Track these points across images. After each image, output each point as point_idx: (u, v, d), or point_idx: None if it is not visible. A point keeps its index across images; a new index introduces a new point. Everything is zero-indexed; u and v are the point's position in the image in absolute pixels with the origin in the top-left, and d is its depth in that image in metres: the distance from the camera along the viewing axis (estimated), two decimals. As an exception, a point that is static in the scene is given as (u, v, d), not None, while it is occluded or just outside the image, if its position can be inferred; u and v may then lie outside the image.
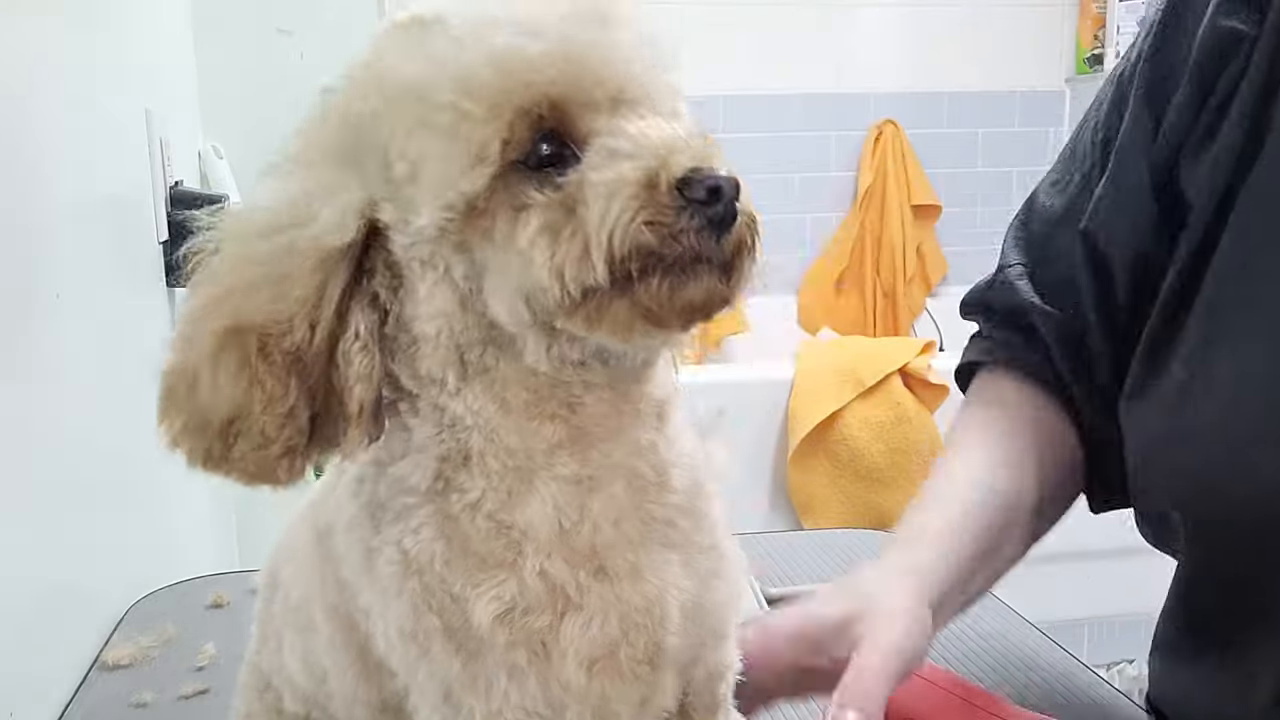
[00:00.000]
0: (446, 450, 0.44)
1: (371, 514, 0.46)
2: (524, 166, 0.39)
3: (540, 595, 0.44)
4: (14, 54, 0.81)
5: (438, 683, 0.45)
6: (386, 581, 0.45)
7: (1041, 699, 0.76)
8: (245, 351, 0.42)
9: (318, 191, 0.43)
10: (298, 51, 1.55)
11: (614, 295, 0.39)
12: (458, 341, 0.42)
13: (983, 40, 2.72)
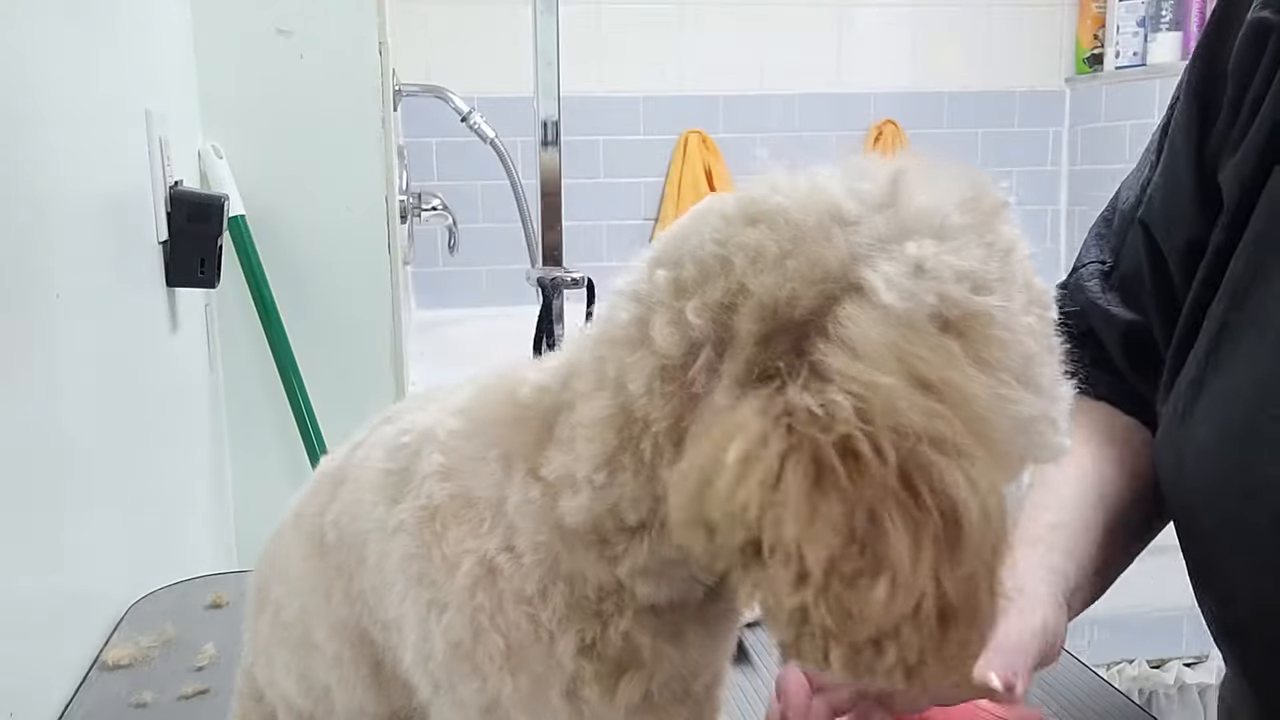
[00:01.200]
0: (615, 505, 0.41)
1: (433, 520, 0.45)
2: None
3: (618, 651, 0.44)
4: (13, 53, 0.81)
5: (483, 699, 0.44)
6: (448, 592, 0.44)
7: (1041, 699, 0.76)
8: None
9: None
10: (298, 52, 1.55)
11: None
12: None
13: (982, 40, 2.72)
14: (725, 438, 0.35)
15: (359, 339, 1.64)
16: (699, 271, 0.38)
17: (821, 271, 0.35)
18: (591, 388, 0.40)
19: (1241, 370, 0.57)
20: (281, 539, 0.57)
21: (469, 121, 1.98)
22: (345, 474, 0.52)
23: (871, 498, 0.33)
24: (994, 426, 0.34)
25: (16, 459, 0.75)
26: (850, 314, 0.34)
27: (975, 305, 0.35)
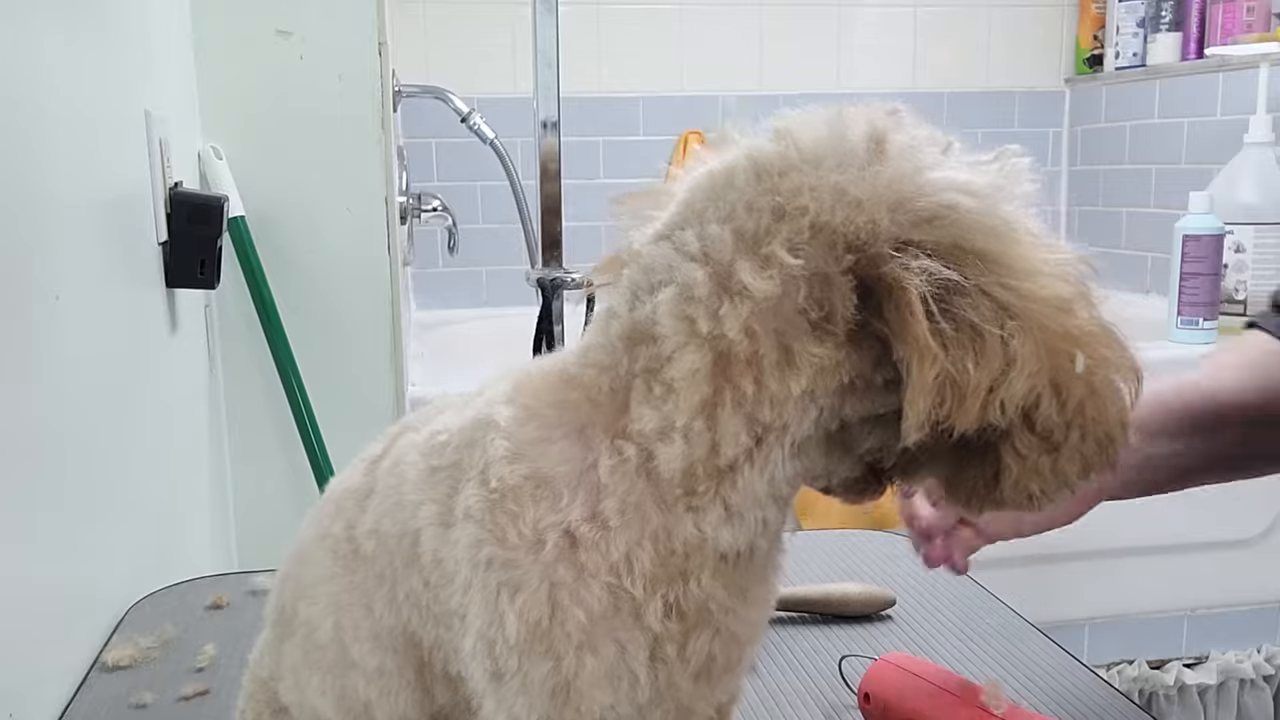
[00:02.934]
0: (714, 446, 0.44)
1: (505, 500, 0.46)
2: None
3: (693, 607, 0.46)
4: (12, 55, 0.81)
5: (555, 679, 0.45)
6: (524, 570, 0.45)
7: (1042, 699, 0.76)
8: None
9: None
10: (297, 53, 1.55)
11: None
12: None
13: (982, 40, 2.72)
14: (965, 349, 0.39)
15: (359, 340, 1.64)
16: (760, 221, 0.42)
17: (894, 195, 0.41)
18: (678, 346, 0.43)
19: None
20: (304, 561, 0.57)
21: (469, 122, 1.98)
22: (371, 488, 0.53)
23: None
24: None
25: (16, 460, 0.75)
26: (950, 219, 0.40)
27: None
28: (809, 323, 0.41)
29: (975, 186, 0.41)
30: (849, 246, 0.41)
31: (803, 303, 0.41)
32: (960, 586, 0.96)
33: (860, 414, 0.44)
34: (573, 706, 0.45)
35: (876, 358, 0.42)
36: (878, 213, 0.41)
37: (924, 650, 0.84)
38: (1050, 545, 0.74)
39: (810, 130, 0.43)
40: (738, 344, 0.42)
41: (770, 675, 0.80)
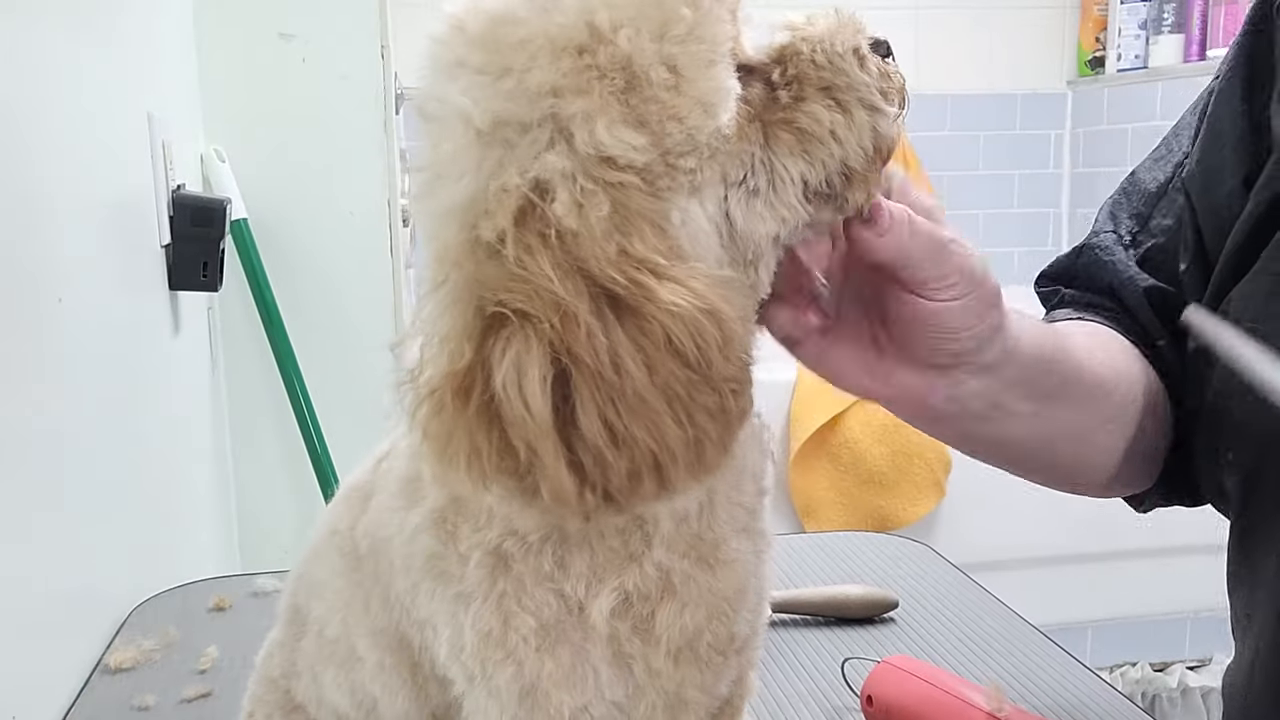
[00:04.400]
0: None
1: (444, 519, 0.46)
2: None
3: (654, 584, 0.45)
4: (15, 58, 0.81)
5: (519, 684, 0.45)
6: (470, 585, 0.45)
7: (1044, 702, 0.76)
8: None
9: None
10: (299, 56, 1.55)
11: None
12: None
13: (984, 43, 2.72)
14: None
15: (361, 342, 1.64)
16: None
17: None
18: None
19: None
20: (316, 559, 0.58)
21: (471, 125, 1.98)
22: (374, 486, 0.54)
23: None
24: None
25: (19, 461, 0.76)
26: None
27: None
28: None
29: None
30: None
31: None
32: (963, 589, 0.96)
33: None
34: (542, 709, 0.45)
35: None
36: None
37: (926, 653, 0.83)
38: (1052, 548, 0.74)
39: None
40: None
41: (773, 678, 0.80)
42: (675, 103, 0.39)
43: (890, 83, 0.45)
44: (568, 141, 0.38)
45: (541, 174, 0.38)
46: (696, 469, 0.39)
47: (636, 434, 0.37)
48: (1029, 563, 2.04)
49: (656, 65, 0.38)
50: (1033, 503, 0.76)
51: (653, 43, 0.38)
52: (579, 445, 0.37)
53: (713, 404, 0.38)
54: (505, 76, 0.38)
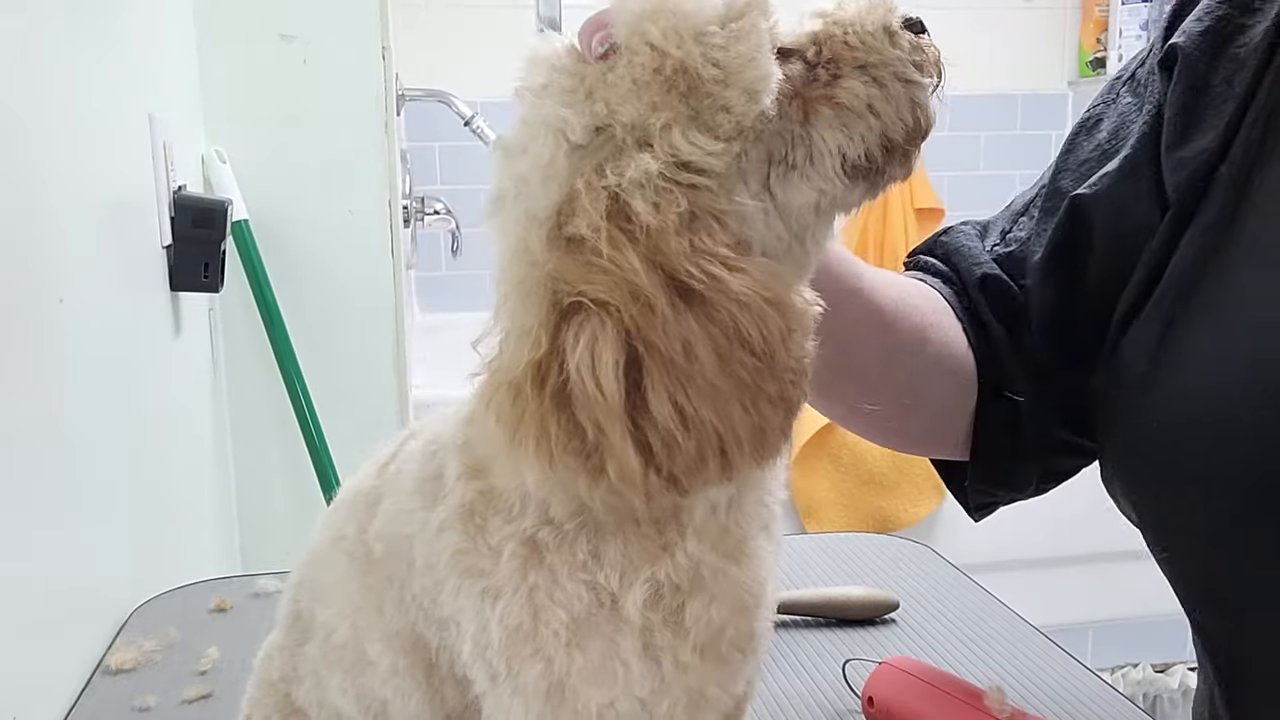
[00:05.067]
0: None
1: (472, 514, 0.46)
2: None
3: (685, 575, 0.46)
4: (16, 59, 0.81)
5: (547, 680, 0.45)
6: (501, 578, 0.45)
7: (1045, 703, 0.76)
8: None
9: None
10: (300, 57, 1.55)
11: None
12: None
13: (985, 43, 2.72)
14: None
15: (362, 343, 1.64)
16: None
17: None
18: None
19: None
20: (319, 563, 0.58)
21: (472, 125, 1.98)
22: (381, 491, 0.54)
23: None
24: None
25: (20, 463, 0.76)
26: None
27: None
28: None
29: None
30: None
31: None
32: (964, 590, 0.96)
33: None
34: (569, 707, 0.45)
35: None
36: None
37: (927, 654, 0.83)
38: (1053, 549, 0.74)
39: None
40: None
41: (773, 679, 0.80)
42: (724, 95, 0.41)
43: (924, 55, 0.47)
44: (649, 149, 0.41)
45: (627, 178, 0.41)
46: (760, 454, 0.41)
47: (705, 417, 0.39)
48: (1030, 564, 2.04)
49: (706, 65, 0.41)
50: (1033, 504, 0.76)
51: (696, 45, 0.41)
52: (648, 427, 0.39)
53: (775, 392, 0.40)
54: (592, 97, 0.42)
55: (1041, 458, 0.71)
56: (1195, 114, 0.62)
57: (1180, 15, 0.66)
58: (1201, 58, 0.62)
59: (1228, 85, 0.61)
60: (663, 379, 0.39)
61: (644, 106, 0.41)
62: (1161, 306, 0.61)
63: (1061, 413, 0.69)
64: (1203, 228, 0.60)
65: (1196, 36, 0.63)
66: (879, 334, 0.65)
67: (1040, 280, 0.68)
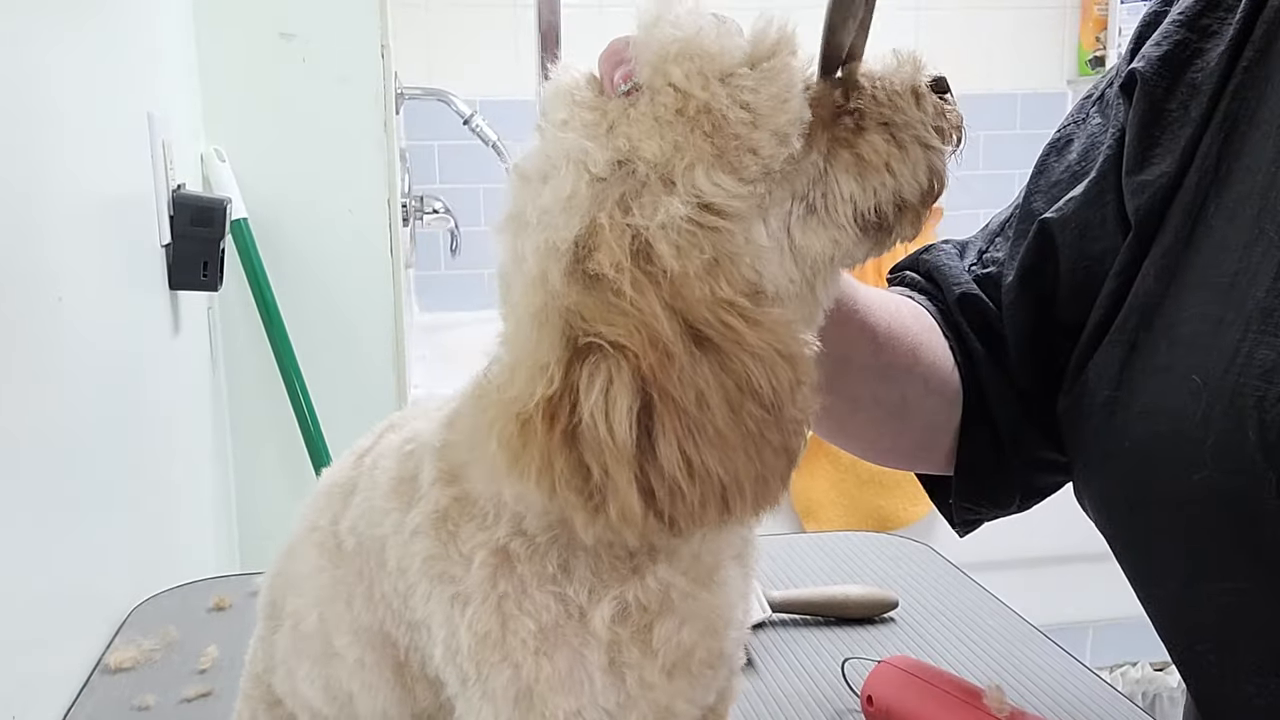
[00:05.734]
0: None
1: (445, 520, 0.47)
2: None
3: (654, 598, 0.46)
4: (15, 57, 0.81)
5: (515, 687, 0.45)
6: (470, 586, 0.45)
7: (1044, 702, 0.76)
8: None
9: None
10: (300, 55, 1.55)
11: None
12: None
13: (984, 42, 2.72)
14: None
15: (361, 342, 1.64)
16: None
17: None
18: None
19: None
20: (294, 554, 0.58)
21: (471, 124, 1.98)
22: (356, 483, 0.54)
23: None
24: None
25: (19, 461, 0.76)
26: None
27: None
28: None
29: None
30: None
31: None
32: (963, 589, 0.96)
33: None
34: (536, 712, 0.45)
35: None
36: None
37: (926, 653, 0.84)
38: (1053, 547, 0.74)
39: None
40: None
41: (772, 677, 0.80)
42: (752, 137, 0.42)
43: (946, 120, 0.47)
44: (671, 188, 0.41)
45: (655, 222, 0.41)
46: (760, 502, 0.41)
47: (711, 467, 0.39)
48: (1029, 562, 2.04)
49: (733, 107, 0.41)
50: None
51: (722, 86, 0.41)
52: (653, 473, 0.39)
53: (779, 442, 0.41)
54: (614, 132, 0.42)
55: (1024, 475, 0.72)
56: (1153, 139, 0.63)
57: (1143, 39, 0.66)
58: (1160, 83, 0.62)
59: (1184, 110, 0.62)
60: (674, 427, 0.39)
61: (667, 144, 0.41)
62: (1124, 331, 0.62)
63: (1042, 431, 0.69)
64: (1162, 251, 0.61)
65: (1155, 61, 0.63)
66: (872, 354, 0.65)
67: (1013, 302, 0.69)
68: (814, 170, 0.44)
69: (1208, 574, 0.57)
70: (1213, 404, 0.55)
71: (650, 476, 0.39)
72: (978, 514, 0.74)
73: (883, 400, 0.68)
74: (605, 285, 0.40)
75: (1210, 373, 0.56)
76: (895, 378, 0.67)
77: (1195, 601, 0.59)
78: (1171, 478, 0.57)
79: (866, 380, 0.66)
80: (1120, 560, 0.64)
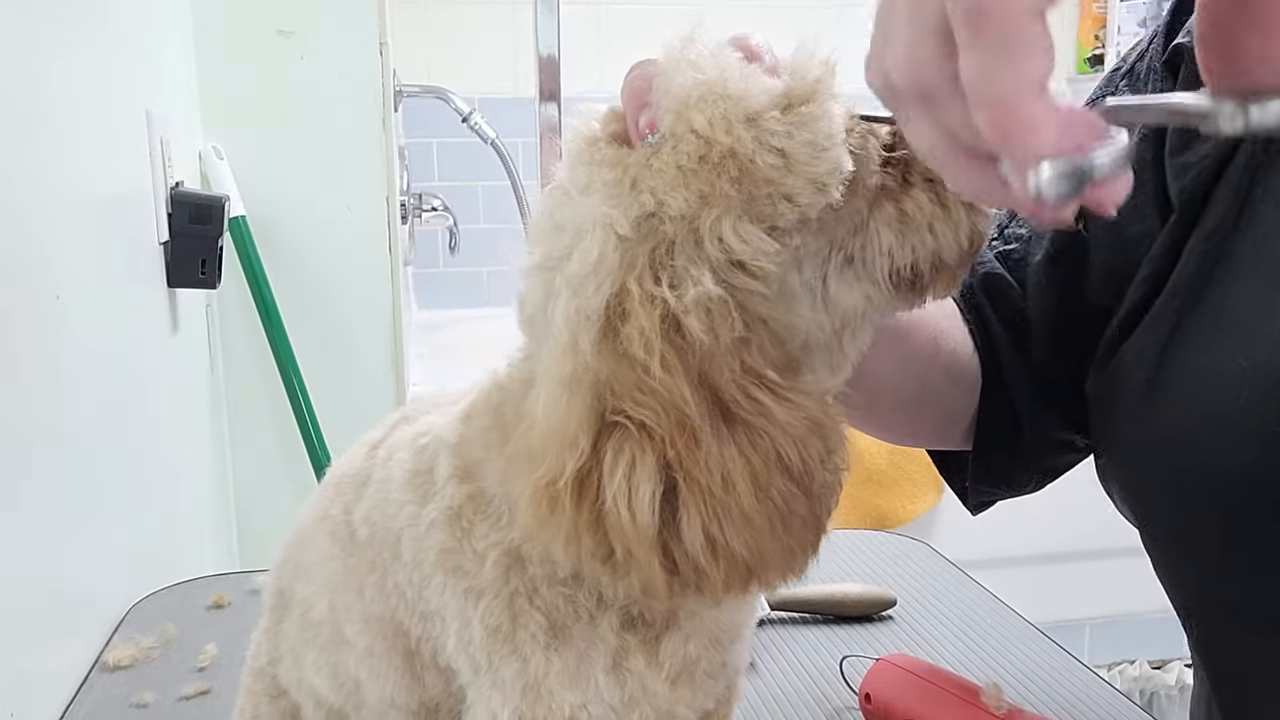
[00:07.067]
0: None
1: (459, 516, 0.47)
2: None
3: (659, 614, 0.47)
4: (14, 55, 0.81)
5: (524, 679, 0.46)
6: (484, 581, 0.46)
7: (1042, 699, 0.76)
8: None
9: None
10: (298, 53, 1.55)
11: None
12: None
13: (983, 41, 2.73)
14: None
15: (360, 340, 1.64)
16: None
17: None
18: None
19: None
20: (303, 542, 0.58)
21: (470, 122, 1.98)
22: (369, 474, 0.54)
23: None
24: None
25: (17, 459, 0.75)
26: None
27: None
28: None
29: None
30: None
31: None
32: (961, 587, 0.97)
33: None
34: (544, 704, 0.46)
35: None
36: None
37: (924, 651, 0.84)
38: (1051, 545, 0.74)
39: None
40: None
41: (771, 675, 0.81)
42: (786, 183, 0.39)
43: None
44: (700, 247, 0.39)
45: (687, 299, 0.39)
46: (788, 573, 0.41)
47: (736, 548, 0.39)
48: (1027, 560, 2.04)
49: (762, 151, 0.39)
50: (1031, 500, 0.76)
51: (748, 130, 0.39)
52: (677, 552, 0.39)
53: (808, 512, 0.40)
54: (637, 187, 0.40)
55: (1041, 458, 0.71)
56: None
57: (1182, 11, 0.65)
58: None
59: None
60: (698, 511, 0.38)
61: (692, 195, 0.39)
62: (1165, 314, 0.61)
63: (1061, 414, 0.69)
64: (1206, 234, 0.60)
65: None
66: (895, 343, 0.64)
67: (1039, 283, 0.68)
68: (856, 219, 0.42)
69: (1242, 556, 0.57)
70: (1258, 388, 0.54)
71: (675, 554, 0.39)
72: (993, 495, 0.74)
73: (899, 391, 0.67)
74: (634, 360, 0.39)
75: (1257, 358, 0.55)
76: (913, 369, 0.66)
77: (1226, 583, 0.59)
78: (1212, 461, 0.56)
79: (886, 370, 0.65)
80: (1149, 543, 0.64)
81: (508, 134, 2.01)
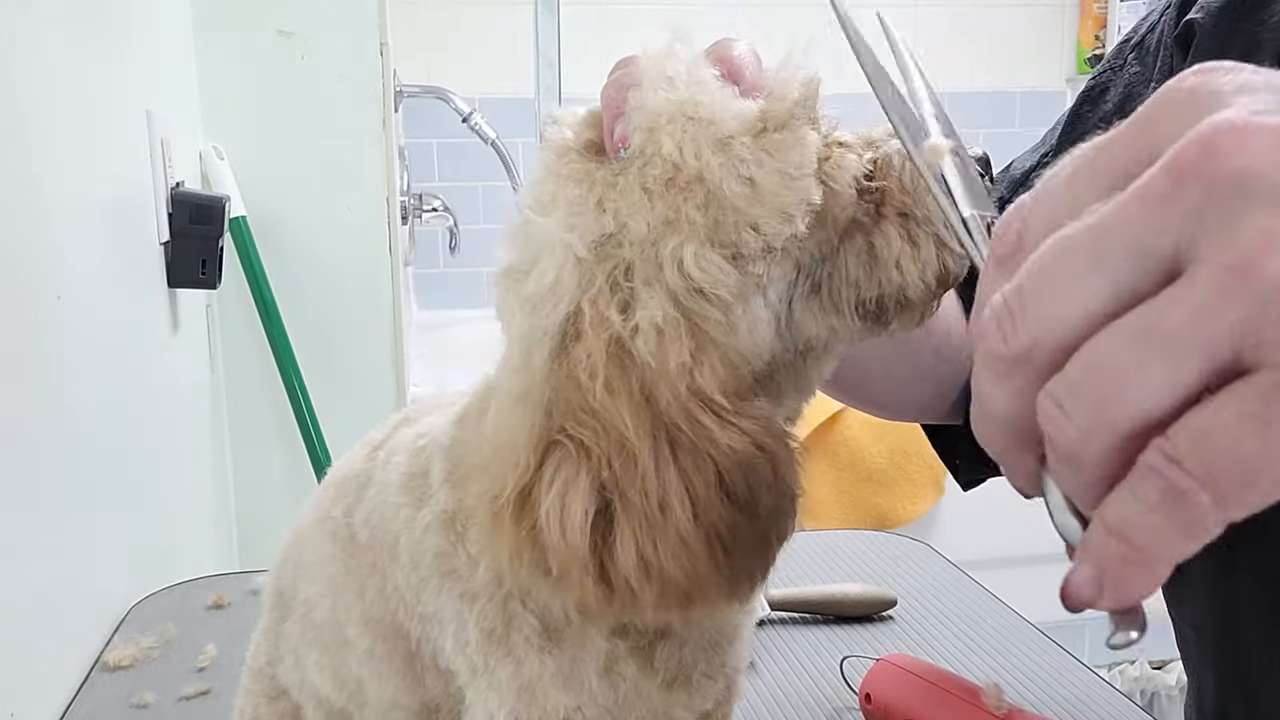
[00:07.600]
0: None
1: (453, 521, 0.47)
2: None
3: (653, 625, 0.46)
4: (14, 55, 0.81)
5: (519, 680, 0.46)
6: (478, 585, 0.46)
7: (1042, 699, 0.76)
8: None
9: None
10: (298, 53, 1.55)
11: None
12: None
13: (983, 40, 2.72)
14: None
15: (360, 340, 1.64)
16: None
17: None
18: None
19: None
20: (304, 544, 0.58)
21: (470, 122, 1.98)
22: (370, 475, 0.54)
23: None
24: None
25: (18, 459, 0.76)
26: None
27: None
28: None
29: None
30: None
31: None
32: (961, 587, 0.96)
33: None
34: (539, 705, 0.46)
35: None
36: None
37: (925, 651, 0.84)
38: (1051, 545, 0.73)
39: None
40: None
41: (771, 676, 0.81)
42: (752, 213, 0.39)
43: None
44: (660, 271, 0.39)
45: (633, 324, 0.38)
46: (728, 598, 0.40)
47: (670, 570, 0.38)
48: (1027, 560, 2.04)
49: (729, 180, 0.38)
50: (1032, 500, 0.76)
51: (716, 156, 0.38)
52: (612, 571, 0.38)
53: (754, 536, 0.39)
54: (601, 207, 0.40)
55: None
56: None
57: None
58: (1219, 35, 0.60)
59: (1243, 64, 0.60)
60: (632, 532, 0.38)
61: (656, 218, 0.39)
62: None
63: None
64: None
65: (1215, 12, 0.61)
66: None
67: None
68: (826, 248, 0.42)
69: (1249, 570, 0.56)
70: None
71: (609, 572, 0.38)
72: (984, 473, 0.74)
73: (894, 372, 0.67)
74: (579, 381, 0.39)
75: None
76: (906, 349, 0.66)
77: (1234, 572, 0.58)
78: None
79: (876, 353, 0.65)
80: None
81: (508, 134, 2.01)
